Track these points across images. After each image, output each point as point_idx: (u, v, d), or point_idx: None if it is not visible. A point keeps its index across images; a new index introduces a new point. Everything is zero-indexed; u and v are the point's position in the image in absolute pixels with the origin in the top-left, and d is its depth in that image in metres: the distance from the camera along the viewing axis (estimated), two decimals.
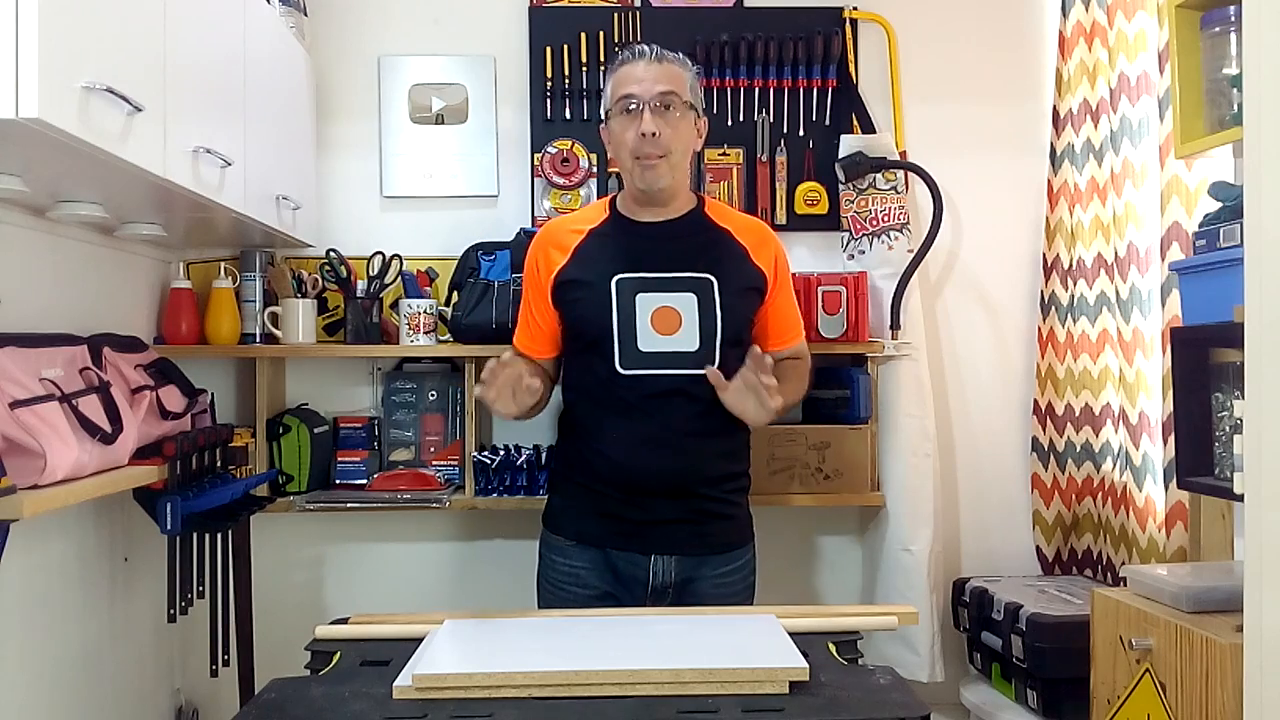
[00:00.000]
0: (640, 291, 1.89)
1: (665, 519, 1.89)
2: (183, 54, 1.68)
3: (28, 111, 1.22)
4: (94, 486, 1.70)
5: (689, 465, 1.90)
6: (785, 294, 2.03)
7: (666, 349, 1.88)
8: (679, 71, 1.92)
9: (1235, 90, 1.84)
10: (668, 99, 1.88)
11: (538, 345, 2.01)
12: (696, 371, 1.85)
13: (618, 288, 1.89)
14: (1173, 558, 2.23)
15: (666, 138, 1.88)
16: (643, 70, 1.89)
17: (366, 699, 1.35)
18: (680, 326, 1.88)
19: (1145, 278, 2.36)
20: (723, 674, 1.35)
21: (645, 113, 1.87)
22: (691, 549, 1.91)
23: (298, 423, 2.49)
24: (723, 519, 1.95)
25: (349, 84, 2.70)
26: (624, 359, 1.88)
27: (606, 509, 1.90)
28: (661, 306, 1.89)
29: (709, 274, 1.91)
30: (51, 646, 1.95)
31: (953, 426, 2.78)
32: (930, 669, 2.54)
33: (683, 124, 1.91)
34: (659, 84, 1.88)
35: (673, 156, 1.90)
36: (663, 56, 1.91)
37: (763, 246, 1.99)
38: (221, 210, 1.93)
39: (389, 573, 2.70)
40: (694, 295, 1.89)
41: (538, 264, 1.98)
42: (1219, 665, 1.54)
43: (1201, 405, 1.86)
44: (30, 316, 1.82)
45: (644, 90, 1.88)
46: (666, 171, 1.90)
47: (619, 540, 1.91)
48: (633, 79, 1.89)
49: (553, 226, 2.04)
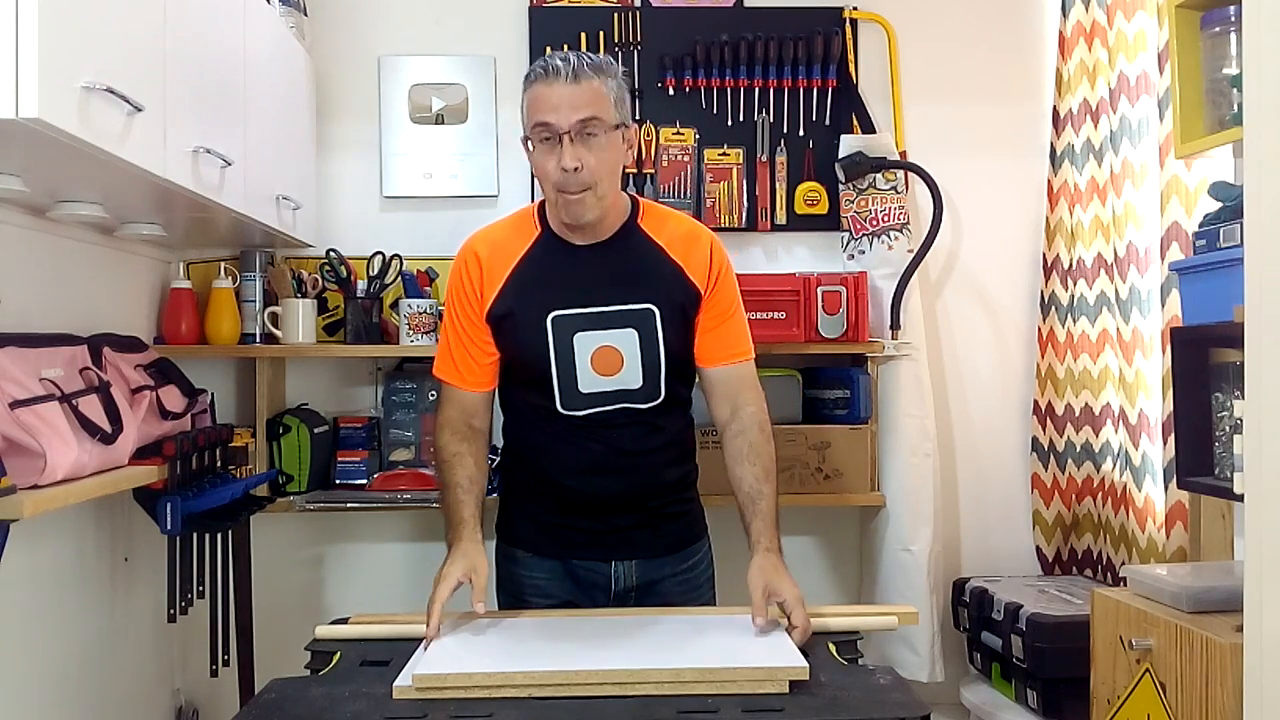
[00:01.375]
0: (578, 330, 1.76)
1: (622, 527, 1.84)
2: (183, 54, 1.68)
3: (28, 111, 1.22)
4: (94, 486, 1.70)
5: (641, 482, 1.84)
6: (722, 299, 1.83)
7: (609, 388, 1.77)
8: (598, 88, 1.69)
9: (1235, 90, 1.84)
10: (589, 126, 1.67)
11: (474, 378, 1.82)
12: (641, 406, 1.79)
13: (554, 326, 1.75)
14: (1173, 558, 2.23)
15: (590, 169, 1.68)
16: (559, 95, 1.67)
17: (366, 699, 1.35)
18: (622, 366, 1.76)
19: (1145, 278, 2.36)
20: (723, 673, 1.35)
21: (564, 145, 1.67)
22: (651, 551, 1.86)
23: (298, 423, 2.49)
24: (678, 518, 1.90)
25: (349, 84, 2.70)
26: (564, 401, 1.78)
27: (562, 522, 1.83)
28: (602, 347, 1.76)
29: (649, 304, 1.77)
30: (51, 646, 1.95)
31: (953, 426, 2.78)
32: (930, 669, 2.54)
33: (609, 148, 1.71)
34: (578, 111, 1.66)
35: (599, 187, 1.70)
36: (579, 73, 1.68)
37: (691, 257, 1.81)
38: (221, 210, 1.93)
39: (389, 573, 2.70)
40: (634, 331, 1.76)
41: (471, 290, 1.80)
42: (1219, 665, 1.54)
43: (1201, 405, 1.86)
44: (30, 316, 1.82)
45: (561, 120, 1.66)
46: (594, 204, 1.72)
47: (578, 550, 1.84)
48: (548, 105, 1.67)
49: (478, 243, 1.83)
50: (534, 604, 1.85)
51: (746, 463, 1.79)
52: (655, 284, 1.79)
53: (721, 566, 1.96)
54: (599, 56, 1.76)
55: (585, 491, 1.82)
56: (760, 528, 1.74)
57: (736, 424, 1.82)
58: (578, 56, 1.71)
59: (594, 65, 1.70)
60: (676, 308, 1.79)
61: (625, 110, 1.76)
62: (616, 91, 1.72)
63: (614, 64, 1.76)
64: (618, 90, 1.73)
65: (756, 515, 1.76)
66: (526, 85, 1.73)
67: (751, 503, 1.77)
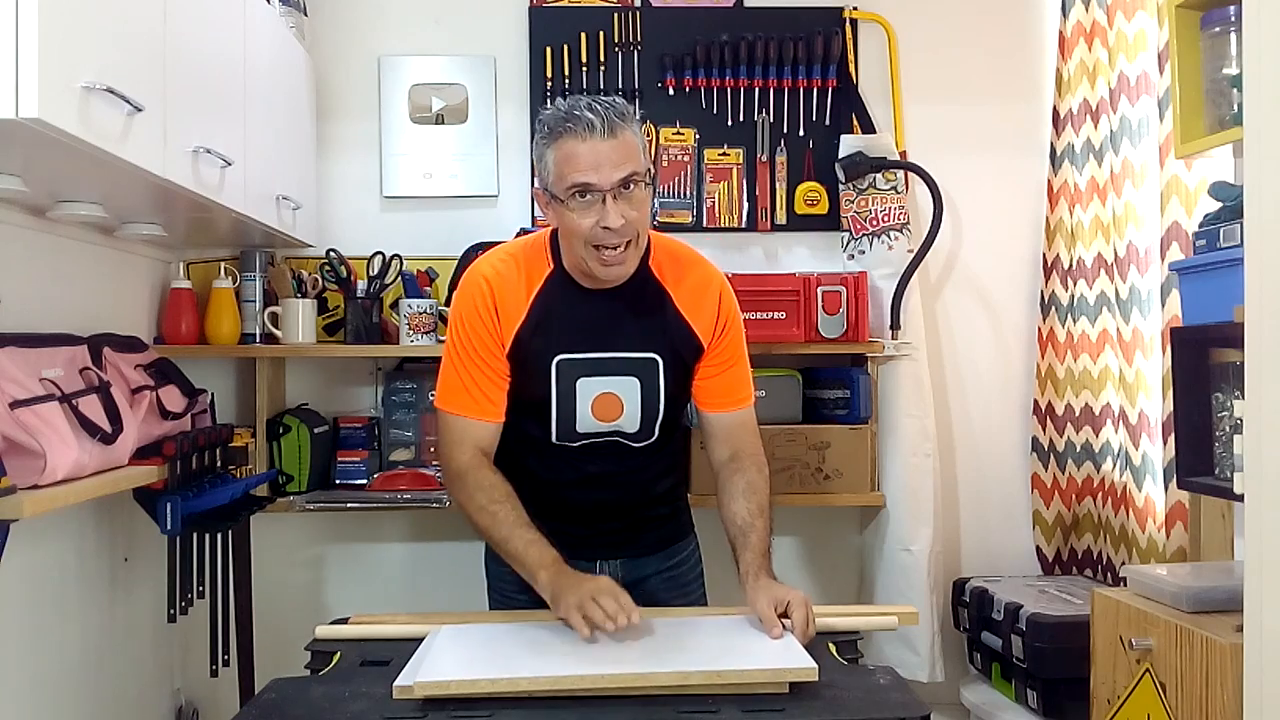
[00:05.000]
0: (582, 376, 1.73)
1: (609, 531, 1.84)
2: (183, 54, 1.68)
3: (28, 111, 1.22)
4: (94, 486, 1.70)
5: (633, 496, 1.85)
6: (729, 348, 1.80)
7: (605, 430, 1.76)
8: (631, 141, 1.62)
9: (1235, 90, 1.84)
10: (630, 180, 1.60)
11: (493, 410, 1.75)
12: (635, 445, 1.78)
13: (558, 370, 1.72)
14: (1173, 558, 2.23)
15: (632, 223, 1.61)
16: (599, 153, 1.58)
17: (366, 699, 1.35)
18: (622, 413, 1.74)
19: (1145, 278, 2.36)
20: (730, 676, 1.34)
21: (608, 204, 1.59)
22: (637, 550, 1.87)
23: (298, 423, 2.49)
24: (667, 520, 1.91)
25: (349, 84, 2.70)
26: (560, 434, 1.76)
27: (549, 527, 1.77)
28: (603, 393, 1.73)
29: (653, 354, 1.74)
30: (51, 646, 1.95)
31: (953, 426, 2.78)
32: (930, 669, 2.54)
33: (645, 200, 1.65)
34: (619, 169, 1.59)
35: (639, 240, 1.66)
36: (615, 127, 1.59)
37: (700, 311, 1.77)
38: (221, 210, 1.93)
39: (389, 573, 2.70)
40: (637, 379, 1.74)
41: (491, 323, 1.73)
42: (1219, 665, 1.54)
43: (1201, 405, 1.86)
44: (30, 316, 1.82)
45: (603, 179, 1.58)
46: (633, 258, 1.67)
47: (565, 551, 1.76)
48: (588, 164, 1.58)
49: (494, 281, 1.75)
50: (521, 601, 1.81)
51: (742, 498, 1.76)
52: (661, 334, 1.76)
53: (711, 565, 1.96)
54: (618, 102, 1.66)
55: (575, 501, 1.82)
56: (751, 559, 1.69)
57: (735, 464, 1.80)
58: (605, 107, 1.61)
59: (620, 114, 1.62)
60: (678, 358, 1.77)
61: (648, 153, 1.71)
62: (641, 136, 1.66)
63: (630, 107, 1.68)
64: (640, 132, 1.67)
65: (748, 548, 1.71)
66: (552, 139, 1.62)
67: (743, 535, 1.73)
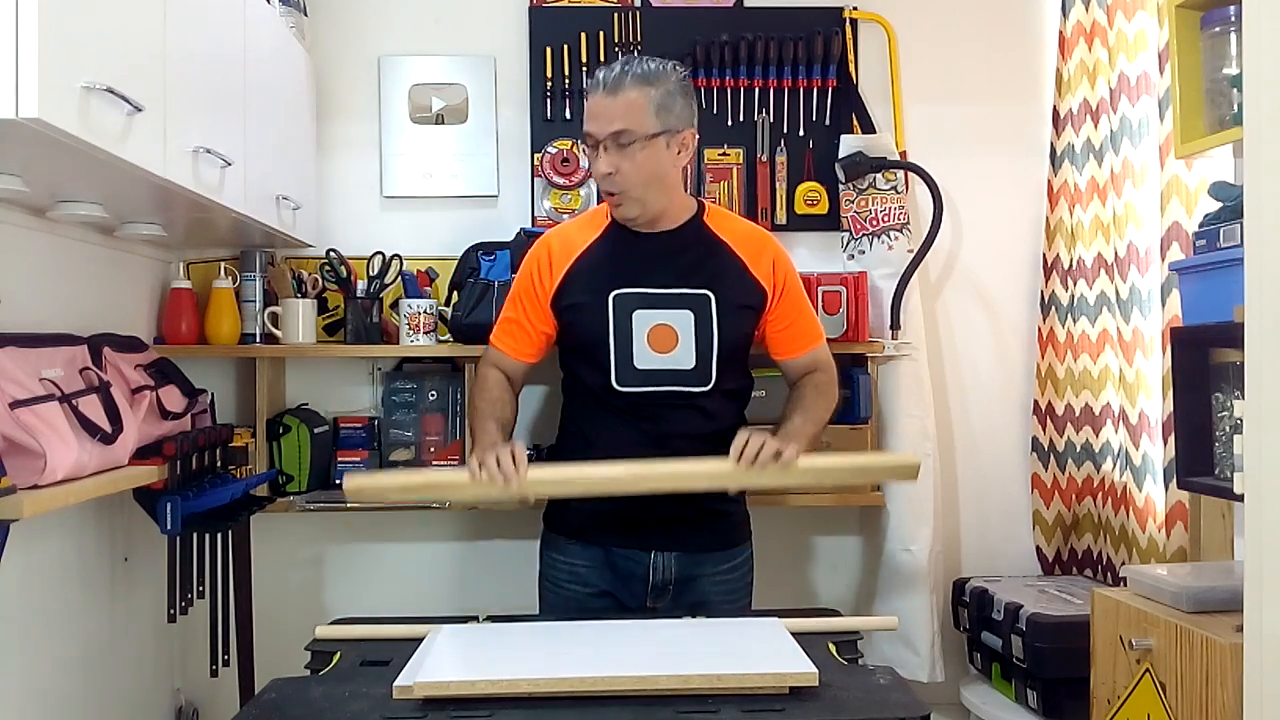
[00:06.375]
0: (637, 308, 1.88)
1: (666, 516, 1.88)
2: (183, 54, 1.68)
3: (28, 111, 1.22)
4: (94, 486, 1.70)
5: None
6: (792, 302, 1.99)
7: (662, 366, 1.88)
8: (635, 100, 1.82)
9: (1235, 90, 1.84)
10: (621, 137, 1.82)
11: (522, 349, 2.00)
12: (693, 389, 1.88)
13: (615, 303, 1.89)
14: (1173, 558, 2.23)
15: (623, 175, 1.84)
16: (598, 105, 1.84)
17: (366, 699, 1.35)
18: (677, 344, 1.88)
19: (1145, 278, 2.36)
20: (730, 679, 1.34)
21: (600, 152, 1.84)
22: (692, 545, 1.91)
23: (298, 423, 2.49)
24: (723, 516, 1.96)
25: (349, 84, 2.70)
26: (620, 376, 1.88)
27: (606, 507, 1.88)
28: (658, 324, 1.88)
29: (706, 289, 1.90)
30: (51, 646, 1.95)
31: (953, 426, 2.78)
32: (930, 669, 2.54)
33: (643, 157, 1.84)
34: (611, 123, 1.82)
35: (633, 191, 1.86)
36: (619, 85, 1.83)
37: (760, 257, 1.96)
38: (221, 210, 1.93)
39: (389, 573, 2.70)
40: (690, 312, 1.89)
41: (537, 274, 1.96)
42: (1219, 665, 1.54)
43: (1201, 405, 1.86)
44: (30, 316, 1.81)
45: (598, 129, 1.84)
46: (631, 205, 1.88)
47: (619, 538, 1.91)
48: (590, 114, 1.86)
49: (552, 237, 2.02)
50: (573, 592, 1.92)
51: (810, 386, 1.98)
52: (715, 274, 1.92)
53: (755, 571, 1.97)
54: (655, 63, 1.86)
55: None
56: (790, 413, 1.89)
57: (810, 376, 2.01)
58: (625, 65, 1.85)
59: (639, 75, 1.83)
60: (735, 299, 1.91)
61: (673, 116, 1.86)
62: (661, 99, 1.83)
63: (669, 70, 1.86)
64: (663, 98, 1.83)
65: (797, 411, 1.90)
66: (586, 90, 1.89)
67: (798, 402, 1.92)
